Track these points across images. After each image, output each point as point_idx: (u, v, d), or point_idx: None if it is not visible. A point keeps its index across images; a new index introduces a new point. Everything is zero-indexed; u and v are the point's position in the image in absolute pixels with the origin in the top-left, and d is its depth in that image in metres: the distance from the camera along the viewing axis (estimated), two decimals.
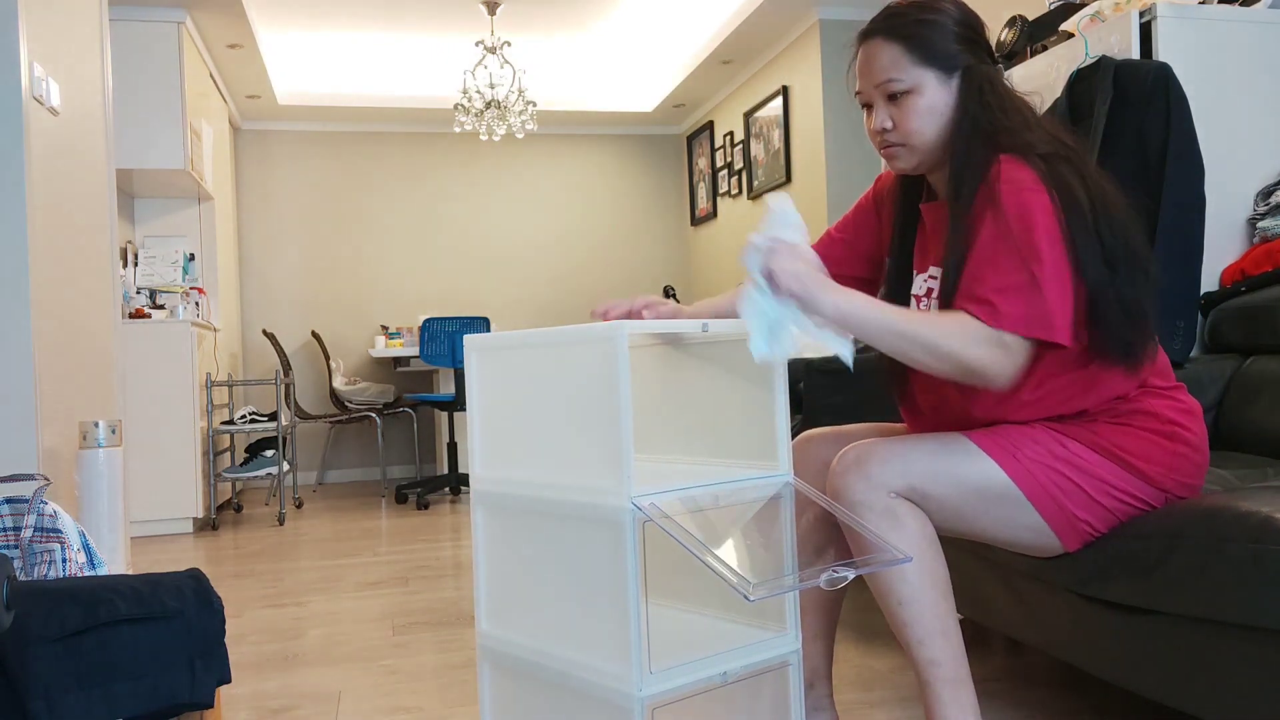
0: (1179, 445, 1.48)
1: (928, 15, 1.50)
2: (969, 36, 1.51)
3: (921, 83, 1.49)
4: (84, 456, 2.39)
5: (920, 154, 1.54)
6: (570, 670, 1.35)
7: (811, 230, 1.78)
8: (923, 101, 1.50)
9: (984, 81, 1.50)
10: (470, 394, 1.52)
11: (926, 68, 1.49)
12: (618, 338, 1.26)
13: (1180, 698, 1.43)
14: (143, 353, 4.42)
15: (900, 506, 1.44)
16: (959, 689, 1.43)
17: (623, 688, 1.25)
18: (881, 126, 1.53)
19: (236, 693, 2.20)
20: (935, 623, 1.43)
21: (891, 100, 1.51)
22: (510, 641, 1.46)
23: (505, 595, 1.48)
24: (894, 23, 1.51)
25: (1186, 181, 2.24)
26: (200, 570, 1.66)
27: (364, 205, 6.90)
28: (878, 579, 1.45)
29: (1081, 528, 1.47)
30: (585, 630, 1.33)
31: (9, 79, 2.40)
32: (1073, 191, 1.42)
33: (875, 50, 1.52)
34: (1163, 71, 2.26)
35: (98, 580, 1.59)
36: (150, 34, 4.71)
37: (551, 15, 5.50)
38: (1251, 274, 2.28)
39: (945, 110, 1.50)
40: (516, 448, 1.46)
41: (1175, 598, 1.37)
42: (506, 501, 1.47)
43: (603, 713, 1.30)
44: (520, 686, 1.46)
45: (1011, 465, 1.45)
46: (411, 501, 5.35)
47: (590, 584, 1.32)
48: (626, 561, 1.23)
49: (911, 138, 1.52)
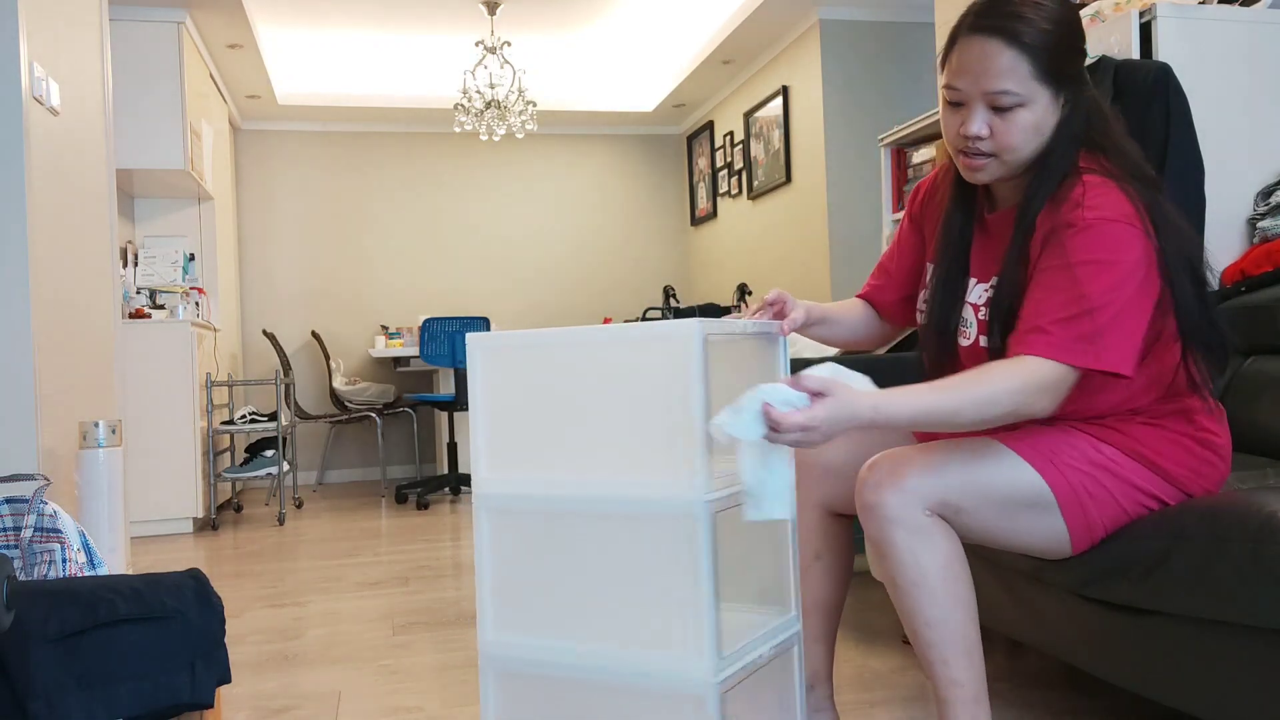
0: (1208, 452, 1.47)
1: (1044, 22, 1.37)
2: (1077, 46, 1.43)
3: (1035, 98, 1.39)
4: (84, 456, 2.39)
5: (1008, 169, 1.46)
6: (618, 667, 1.36)
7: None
8: (1030, 118, 1.40)
9: (1092, 109, 1.43)
10: (475, 396, 1.48)
11: (1042, 84, 1.38)
12: (694, 337, 1.27)
13: (1180, 698, 1.43)
14: (143, 353, 4.42)
15: (933, 524, 1.39)
16: (978, 709, 1.41)
17: (694, 674, 1.29)
18: (978, 134, 1.42)
19: (236, 693, 2.20)
20: (961, 644, 1.40)
21: (995, 109, 1.40)
22: (527, 647, 1.43)
23: (517, 601, 1.46)
24: (1013, 25, 1.37)
25: (1186, 181, 2.23)
26: (200, 570, 1.66)
27: (364, 205, 6.90)
28: (904, 596, 1.41)
29: (1096, 533, 1.46)
30: (638, 625, 1.35)
31: (9, 79, 2.39)
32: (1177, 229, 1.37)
33: (990, 51, 1.38)
34: (1163, 71, 2.26)
35: (98, 580, 1.59)
36: (150, 34, 4.70)
37: (551, 15, 5.50)
38: (1251, 274, 2.28)
39: (1048, 130, 1.42)
40: (540, 450, 1.44)
41: (1175, 598, 1.37)
42: (523, 505, 1.44)
43: (663, 706, 1.33)
44: (537, 694, 1.44)
45: (1051, 473, 1.42)
46: (411, 501, 5.35)
47: (646, 579, 1.34)
48: (701, 554, 1.28)
49: (1007, 153, 1.42)
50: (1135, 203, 1.37)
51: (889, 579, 1.43)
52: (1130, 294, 1.33)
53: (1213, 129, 2.36)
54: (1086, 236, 1.35)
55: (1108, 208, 1.36)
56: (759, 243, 6.06)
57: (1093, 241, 1.34)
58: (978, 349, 1.52)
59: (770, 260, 5.89)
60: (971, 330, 1.54)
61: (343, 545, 4.10)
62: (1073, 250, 1.35)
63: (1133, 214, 1.36)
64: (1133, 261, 1.34)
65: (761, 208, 6.00)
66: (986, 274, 1.54)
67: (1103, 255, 1.33)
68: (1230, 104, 2.44)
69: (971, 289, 1.56)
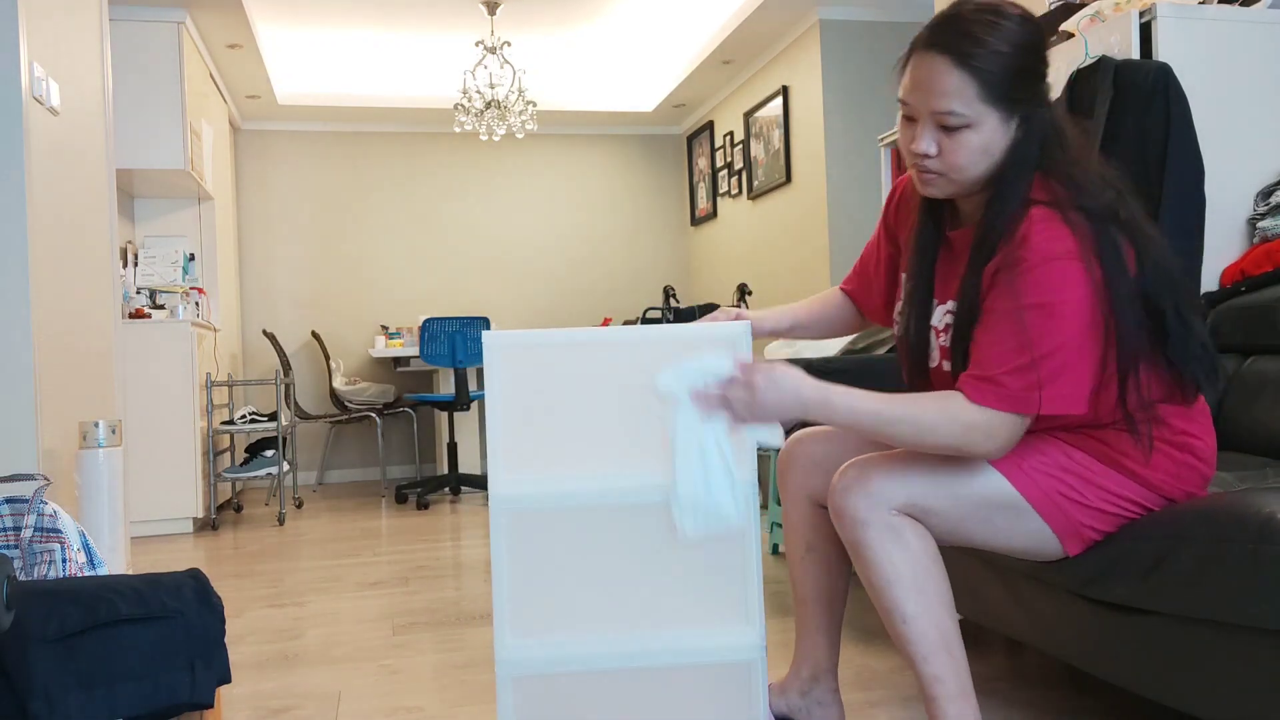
0: (1188, 456, 1.47)
1: (999, 44, 1.34)
2: (1036, 69, 1.39)
3: (982, 120, 1.36)
4: (84, 456, 2.39)
5: (958, 187, 1.44)
6: (658, 649, 1.44)
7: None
8: (978, 139, 1.37)
9: (1048, 132, 1.40)
10: (492, 397, 1.45)
11: (990, 106, 1.35)
12: (741, 336, 1.41)
13: (1180, 698, 1.43)
14: (143, 353, 4.42)
15: (902, 523, 1.43)
16: (964, 703, 1.43)
17: (744, 640, 1.44)
18: (926, 152, 1.41)
19: (236, 693, 2.20)
20: (939, 640, 1.42)
21: (943, 128, 1.38)
22: (550, 646, 1.44)
23: (537, 603, 1.45)
24: (964, 46, 1.34)
25: (1186, 181, 2.23)
26: (200, 570, 1.66)
27: (364, 205, 6.90)
28: (881, 596, 1.45)
29: (1085, 532, 1.47)
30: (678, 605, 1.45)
31: (9, 79, 2.40)
32: (1120, 259, 1.35)
33: (938, 71, 1.36)
34: (1163, 71, 2.26)
35: (98, 580, 1.59)
36: (150, 34, 4.70)
37: (551, 15, 5.50)
38: (1251, 274, 2.28)
39: (998, 152, 1.39)
40: (561, 451, 1.45)
41: (1175, 598, 1.37)
42: (543, 506, 1.44)
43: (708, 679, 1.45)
44: (558, 695, 1.45)
45: (1017, 475, 1.43)
46: (411, 501, 5.35)
47: (684, 560, 1.43)
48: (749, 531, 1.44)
49: (955, 172, 1.41)
50: (1080, 236, 1.34)
51: (866, 580, 1.47)
52: (1076, 334, 1.33)
53: (1213, 129, 2.36)
54: (1031, 278, 1.33)
55: (1050, 244, 1.34)
56: (759, 243, 6.06)
57: (1036, 284, 1.33)
58: (942, 372, 1.53)
59: (770, 260, 5.90)
60: (935, 354, 1.55)
61: (343, 545, 4.10)
62: (1020, 292, 1.34)
63: (1075, 250, 1.33)
64: (1077, 300, 1.33)
65: (761, 208, 6.00)
66: (946, 295, 1.54)
67: (1047, 297, 1.32)
68: (1230, 104, 2.44)
69: (934, 311, 1.56)
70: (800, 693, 1.74)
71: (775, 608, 2.71)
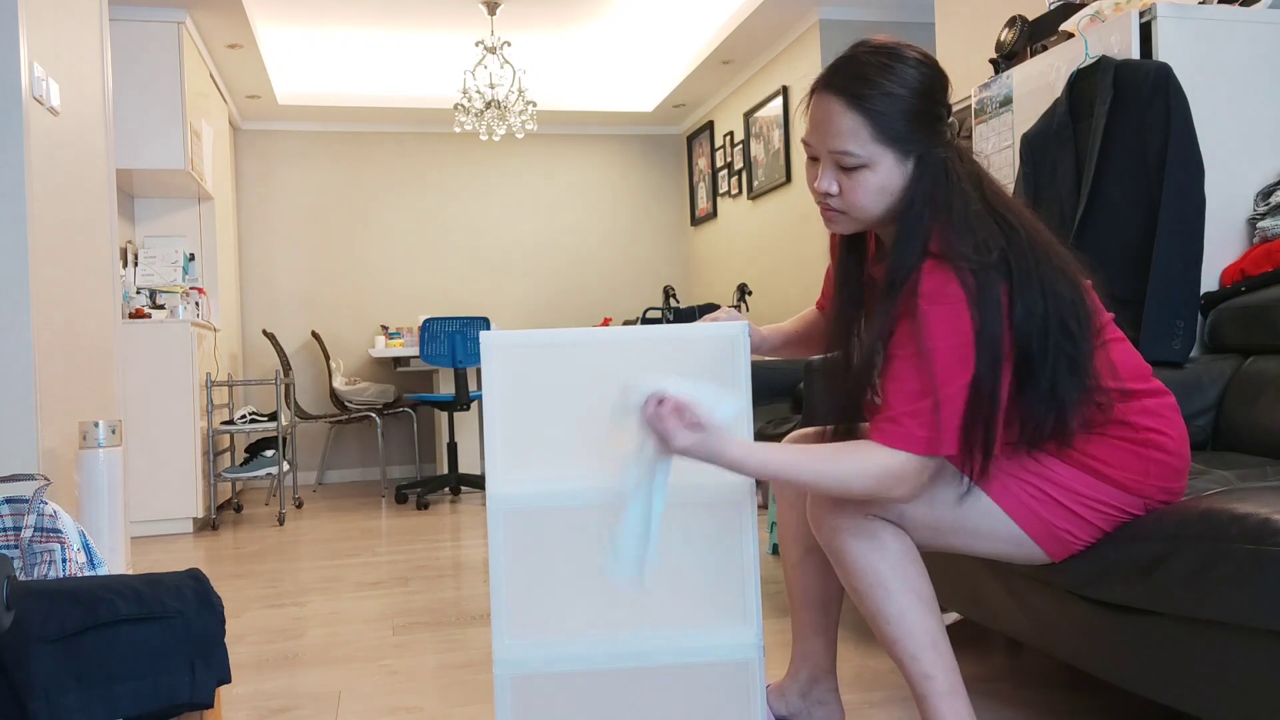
0: (1154, 452, 1.46)
1: (894, 86, 1.39)
2: (933, 111, 1.42)
3: (877, 161, 1.40)
4: (84, 456, 2.39)
5: (861, 225, 1.49)
6: (658, 648, 1.45)
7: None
8: (874, 180, 1.41)
9: (938, 173, 1.41)
10: (489, 397, 1.45)
11: (885, 147, 1.40)
12: (738, 335, 1.46)
13: (1180, 698, 1.43)
14: (143, 353, 4.42)
15: (878, 526, 1.46)
16: (954, 700, 1.45)
17: (742, 639, 1.45)
18: (827, 190, 1.45)
19: (236, 693, 2.20)
20: (924, 637, 1.45)
21: (842, 168, 1.43)
22: (548, 646, 1.44)
23: (536, 603, 1.46)
24: (859, 89, 1.39)
25: (1186, 181, 2.24)
26: (200, 570, 1.66)
27: (364, 205, 6.90)
28: (864, 599, 1.47)
29: (1063, 537, 1.47)
30: (676, 606, 1.47)
31: (9, 79, 2.40)
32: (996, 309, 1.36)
33: (833, 112, 1.41)
34: (1163, 71, 2.26)
35: (98, 580, 1.59)
36: (150, 34, 4.70)
37: (551, 15, 5.50)
38: (1251, 274, 2.28)
39: (895, 190, 1.42)
40: (560, 451, 1.45)
41: (1175, 598, 1.37)
42: (542, 505, 1.44)
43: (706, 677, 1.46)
44: (555, 695, 1.45)
45: (989, 483, 1.45)
46: (411, 501, 5.35)
47: (684, 560, 1.45)
48: (746, 528, 1.48)
49: (855, 210, 1.45)
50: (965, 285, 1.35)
51: (849, 586, 1.49)
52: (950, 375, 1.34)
53: (1213, 129, 2.36)
54: (924, 323, 1.36)
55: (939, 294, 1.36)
56: (759, 243, 6.06)
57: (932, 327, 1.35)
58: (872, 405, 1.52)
59: (770, 260, 5.90)
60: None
61: (343, 545, 4.10)
62: (921, 337, 1.36)
63: (960, 296, 1.35)
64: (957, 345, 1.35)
65: (761, 208, 6.00)
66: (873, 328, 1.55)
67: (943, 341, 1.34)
68: (1230, 104, 2.44)
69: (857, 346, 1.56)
70: (800, 694, 1.75)
71: (773, 608, 2.71)
